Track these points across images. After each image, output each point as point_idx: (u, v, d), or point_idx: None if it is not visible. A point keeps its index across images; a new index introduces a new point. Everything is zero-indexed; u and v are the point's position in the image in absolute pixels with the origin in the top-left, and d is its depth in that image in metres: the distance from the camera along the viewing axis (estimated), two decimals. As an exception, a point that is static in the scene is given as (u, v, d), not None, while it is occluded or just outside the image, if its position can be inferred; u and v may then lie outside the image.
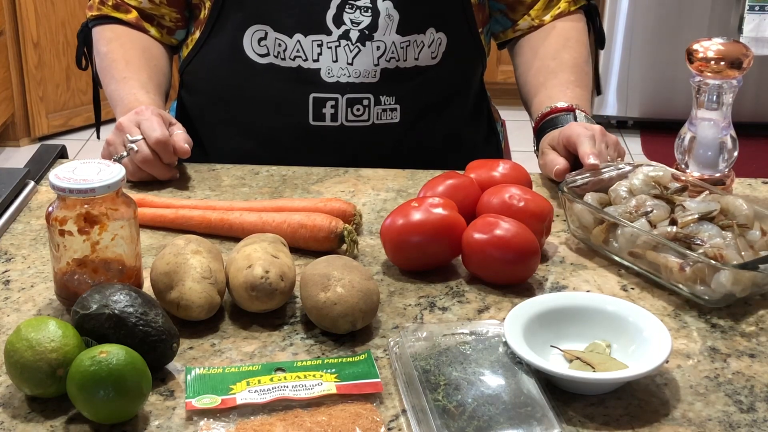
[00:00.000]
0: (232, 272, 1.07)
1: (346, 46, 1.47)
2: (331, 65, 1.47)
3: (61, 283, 1.07)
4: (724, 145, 1.32)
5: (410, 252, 1.15)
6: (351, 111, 1.49)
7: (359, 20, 1.46)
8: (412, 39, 1.48)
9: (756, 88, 3.97)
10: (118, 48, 1.55)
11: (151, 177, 1.38)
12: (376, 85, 1.49)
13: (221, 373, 0.96)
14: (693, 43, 1.30)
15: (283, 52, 1.48)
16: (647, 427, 0.91)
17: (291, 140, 1.52)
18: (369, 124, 1.51)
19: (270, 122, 1.53)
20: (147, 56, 1.55)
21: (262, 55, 1.49)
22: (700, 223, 1.14)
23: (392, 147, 1.53)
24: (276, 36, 1.47)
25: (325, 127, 1.50)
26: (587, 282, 1.16)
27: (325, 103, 1.49)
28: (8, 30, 3.77)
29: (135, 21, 1.56)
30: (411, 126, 1.54)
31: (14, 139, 3.95)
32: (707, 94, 1.30)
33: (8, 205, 1.31)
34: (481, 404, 0.90)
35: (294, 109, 1.50)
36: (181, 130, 1.38)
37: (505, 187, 1.21)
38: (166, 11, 1.57)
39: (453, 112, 1.59)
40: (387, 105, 1.51)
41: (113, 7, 1.57)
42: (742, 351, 1.03)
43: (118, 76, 1.51)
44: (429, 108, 1.55)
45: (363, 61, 1.47)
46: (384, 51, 1.48)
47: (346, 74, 1.48)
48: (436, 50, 1.51)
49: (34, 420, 0.92)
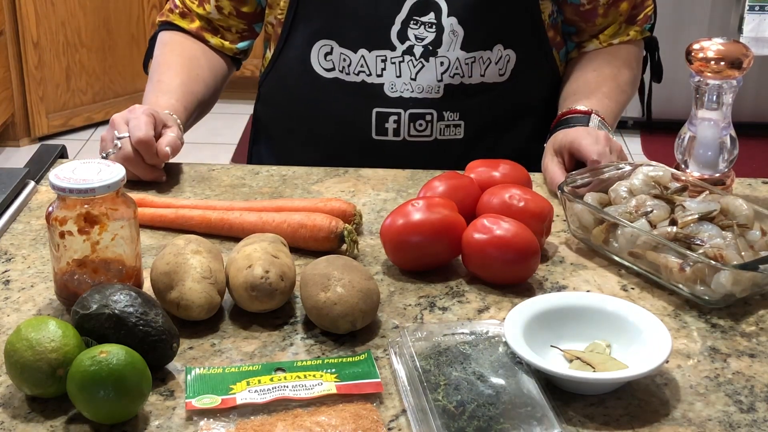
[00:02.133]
0: (232, 272, 1.07)
1: (409, 62, 1.48)
2: (394, 80, 1.48)
3: (61, 283, 1.07)
4: (724, 145, 1.32)
5: (410, 252, 1.15)
6: (413, 126, 1.50)
7: (423, 36, 1.46)
8: (478, 55, 1.48)
9: (756, 88, 3.97)
10: (167, 53, 1.58)
11: (136, 177, 1.38)
12: (439, 100, 1.49)
13: (221, 373, 0.96)
14: (693, 43, 1.29)
15: (348, 66, 1.49)
16: (647, 427, 0.91)
17: (354, 154, 1.53)
18: (432, 139, 1.51)
19: (335, 135, 1.55)
20: (191, 64, 1.57)
21: (328, 69, 1.51)
22: (700, 223, 1.14)
23: (456, 162, 1.52)
24: (341, 51, 1.49)
25: (387, 142, 1.51)
26: (587, 282, 1.16)
27: (387, 117, 1.50)
28: (8, 30, 3.77)
29: (196, 30, 1.60)
30: (475, 142, 1.53)
31: (14, 139, 3.95)
32: (707, 94, 1.30)
33: (8, 205, 1.31)
34: (481, 404, 0.90)
35: (357, 123, 1.51)
36: (173, 133, 1.38)
37: (505, 187, 1.21)
38: (234, 23, 1.60)
39: (521, 130, 1.58)
40: (450, 121, 1.51)
41: (180, 15, 1.61)
42: (742, 351, 1.03)
43: (155, 79, 1.54)
44: (495, 124, 1.55)
45: (426, 77, 1.48)
46: (448, 67, 1.48)
47: (409, 89, 1.48)
48: (504, 67, 1.51)
49: (34, 420, 0.92)
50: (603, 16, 1.56)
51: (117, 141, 1.34)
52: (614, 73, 1.55)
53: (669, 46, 3.91)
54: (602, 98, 1.49)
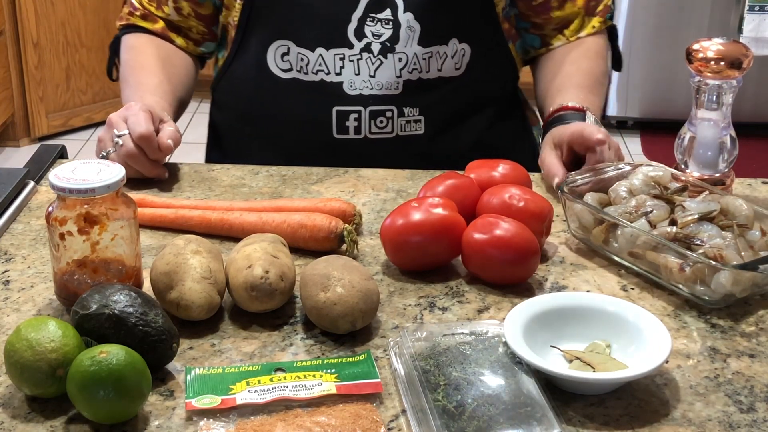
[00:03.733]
0: (232, 272, 1.07)
1: (368, 59, 1.48)
2: (353, 78, 1.48)
3: (61, 283, 1.07)
4: (724, 145, 1.32)
5: (410, 252, 1.15)
6: (374, 123, 1.50)
7: (380, 33, 1.47)
8: (435, 50, 1.49)
9: (756, 88, 3.97)
10: (138, 55, 1.57)
11: (139, 174, 1.38)
12: (399, 96, 1.50)
13: (221, 373, 0.96)
14: (693, 43, 1.29)
15: (306, 66, 1.49)
16: (647, 427, 0.91)
17: (317, 154, 1.52)
18: (393, 135, 1.51)
19: (295, 136, 1.54)
20: (164, 63, 1.56)
21: (286, 70, 1.50)
22: (700, 223, 1.14)
23: (418, 158, 1.53)
24: (298, 51, 1.49)
25: (349, 140, 1.51)
26: (587, 282, 1.16)
27: (348, 116, 1.50)
28: (8, 30, 3.77)
29: (161, 31, 1.59)
30: (436, 137, 1.54)
31: (14, 139, 3.95)
32: (707, 94, 1.30)
33: (8, 205, 1.31)
34: (481, 404, 0.90)
35: (318, 122, 1.51)
36: (172, 127, 1.38)
37: (505, 187, 1.21)
38: (194, 24, 1.59)
39: (479, 121, 1.58)
40: (411, 116, 1.51)
41: (141, 17, 1.60)
42: (742, 351, 1.03)
43: (133, 82, 1.53)
44: (454, 119, 1.55)
45: (385, 74, 1.48)
46: (406, 63, 1.48)
47: (369, 87, 1.48)
48: (459, 61, 1.51)
49: (34, 420, 0.92)
50: (558, 9, 1.56)
51: (117, 139, 1.34)
52: (591, 66, 1.55)
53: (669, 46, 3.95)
54: (588, 94, 1.49)
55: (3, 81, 3.77)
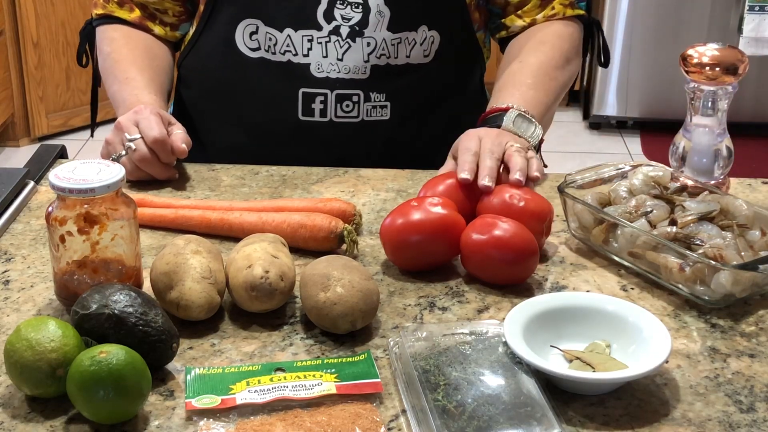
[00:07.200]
0: (232, 272, 1.07)
1: (336, 42, 1.47)
2: (320, 60, 1.48)
3: (61, 283, 1.07)
4: (719, 152, 1.31)
5: (410, 252, 1.15)
6: (340, 107, 1.50)
7: (350, 16, 1.46)
8: (404, 36, 1.48)
9: (756, 88, 3.97)
10: (122, 48, 1.55)
11: (150, 176, 1.39)
12: (365, 81, 1.49)
13: (221, 373, 0.96)
14: (688, 48, 1.29)
15: (274, 46, 1.48)
16: (647, 427, 0.91)
17: (281, 135, 1.52)
18: (358, 120, 1.51)
19: (261, 116, 1.54)
20: (150, 56, 1.55)
21: (254, 49, 1.50)
22: (699, 223, 1.14)
23: (383, 144, 1.53)
24: (267, 30, 1.48)
25: (314, 123, 1.51)
26: (587, 282, 1.16)
27: (314, 98, 1.49)
28: (8, 30, 3.77)
29: (138, 20, 1.57)
30: (401, 123, 1.54)
31: (14, 139, 3.95)
32: (702, 100, 1.29)
33: (8, 205, 1.31)
34: (481, 404, 0.90)
35: (284, 103, 1.51)
36: (181, 130, 1.39)
37: (505, 187, 1.21)
38: (170, 5, 1.57)
39: (446, 112, 1.58)
40: (377, 102, 1.51)
41: (117, 4, 1.58)
42: (742, 351, 1.03)
43: (121, 77, 1.52)
44: (421, 106, 1.55)
45: (353, 57, 1.48)
46: (374, 47, 1.48)
47: (336, 70, 1.48)
48: (428, 48, 1.51)
49: (34, 420, 0.92)
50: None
51: (129, 143, 1.34)
52: (540, 60, 1.50)
53: (669, 46, 3.95)
54: (526, 90, 1.45)
55: (3, 81, 3.77)
